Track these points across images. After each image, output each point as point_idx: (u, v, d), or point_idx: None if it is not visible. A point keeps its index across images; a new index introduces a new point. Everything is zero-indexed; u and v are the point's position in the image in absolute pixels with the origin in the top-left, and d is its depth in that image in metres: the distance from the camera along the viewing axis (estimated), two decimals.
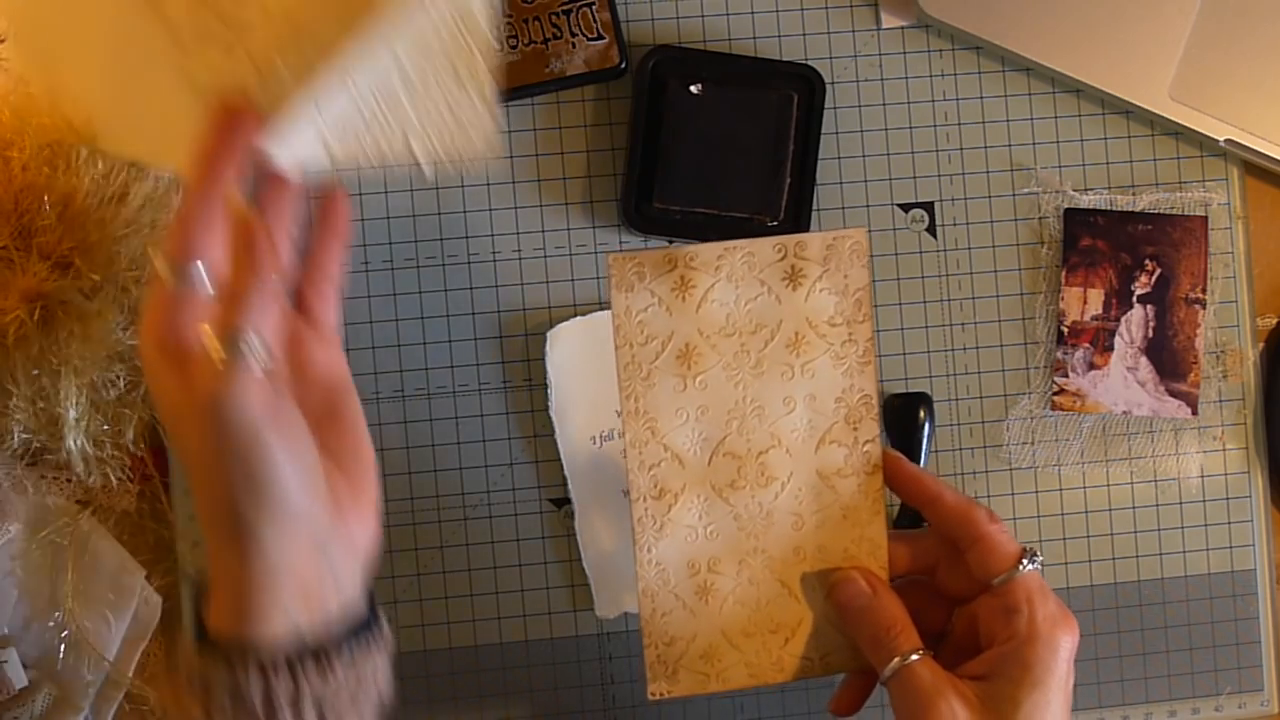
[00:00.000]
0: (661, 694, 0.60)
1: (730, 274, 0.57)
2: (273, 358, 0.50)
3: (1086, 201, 0.75)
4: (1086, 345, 0.75)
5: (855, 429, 0.59)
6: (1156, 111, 0.74)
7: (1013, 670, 0.56)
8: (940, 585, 0.62)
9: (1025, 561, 0.58)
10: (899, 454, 0.61)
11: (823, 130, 0.73)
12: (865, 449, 0.59)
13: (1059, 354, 0.75)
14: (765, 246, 0.57)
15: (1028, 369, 0.76)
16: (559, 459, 0.73)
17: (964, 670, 0.58)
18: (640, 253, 0.57)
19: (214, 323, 0.50)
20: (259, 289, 0.50)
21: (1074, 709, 0.75)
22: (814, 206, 0.74)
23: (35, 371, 0.63)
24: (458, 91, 0.54)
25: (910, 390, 0.75)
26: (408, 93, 0.53)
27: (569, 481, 0.73)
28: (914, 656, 0.57)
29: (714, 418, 0.58)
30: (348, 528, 0.55)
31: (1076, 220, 0.75)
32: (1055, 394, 0.75)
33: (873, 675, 0.62)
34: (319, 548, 0.53)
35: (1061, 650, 0.57)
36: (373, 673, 0.55)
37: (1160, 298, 0.75)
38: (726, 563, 0.59)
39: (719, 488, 0.59)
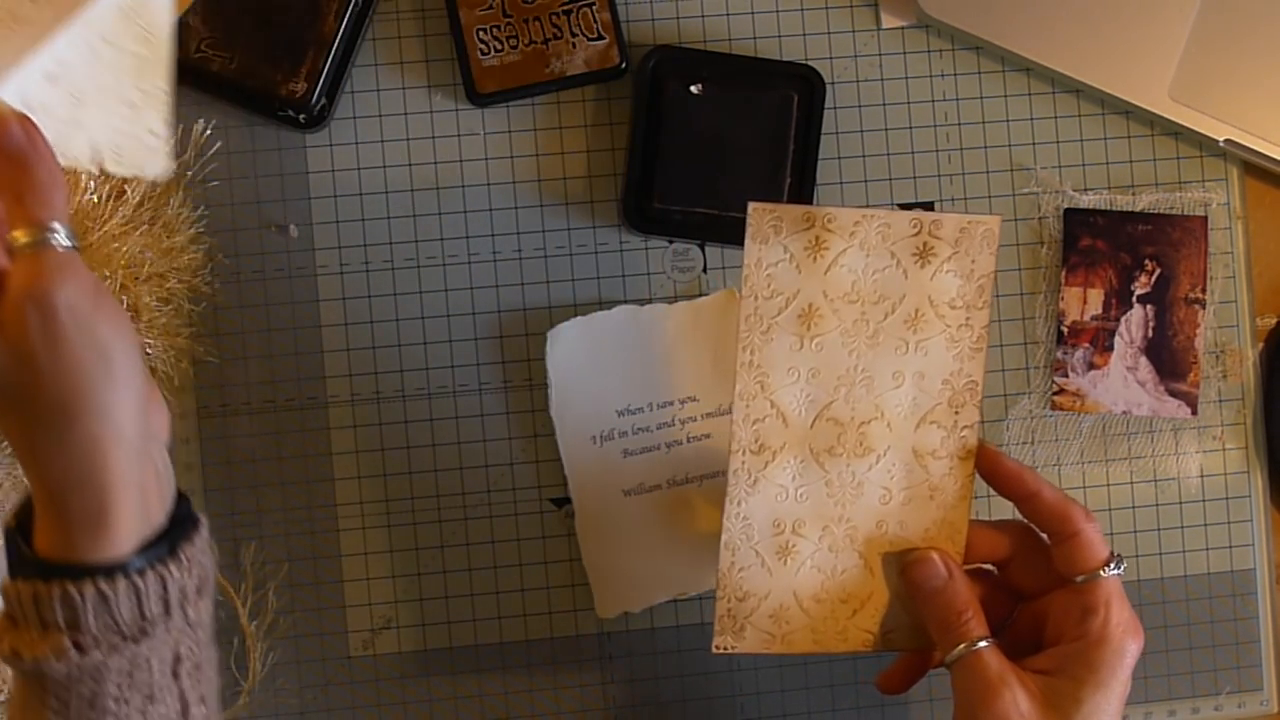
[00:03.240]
0: (727, 648, 0.60)
1: (864, 242, 0.58)
2: (76, 240, 0.50)
3: (1086, 201, 0.75)
4: (1086, 345, 0.75)
5: (957, 413, 0.60)
6: (1156, 111, 0.74)
7: (1079, 669, 0.57)
8: (1010, 579, 0.62)
9: (1112, 565, 0.59)
10: (998, 449, 0.62)
11: (823, 130, 0.73)
12: (963, 434, 0.60)
13: (1059, 354, 0.75)
14: (902, 220, 0.58)
15: (1027, 369, 0.76)
16: (559, 459, 0.73)
17: (1028, 664, 0.58)
18: (780, 206, 0.57)
19: (21, 223, 0.49)
20: (46, 181, 0.50)
21: None
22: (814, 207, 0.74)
23: None
24: (132, 111, 0.55)
25: None
26: (83, 98, 0.54)
27: (569, 481, 0.73)
28: (982, 644, 0.58)
29: (824, 381, 0.59)
30: (153, 416, 0.53)
31: (1076, 220, 0.75)
32: (1055, 394, 0.75)
33: (927, 658, 0.63)
34: (148, 438, 0.52)
35: (1128, 656, 0.58)
36: (205, 555, 0.54)
37: (1160, 298, 0.75)
38: (811, 526, 0.60)
39: (817, 452, 0.59)
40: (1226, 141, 0.74)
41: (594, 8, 0.72)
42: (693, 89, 0.72)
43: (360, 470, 0.74)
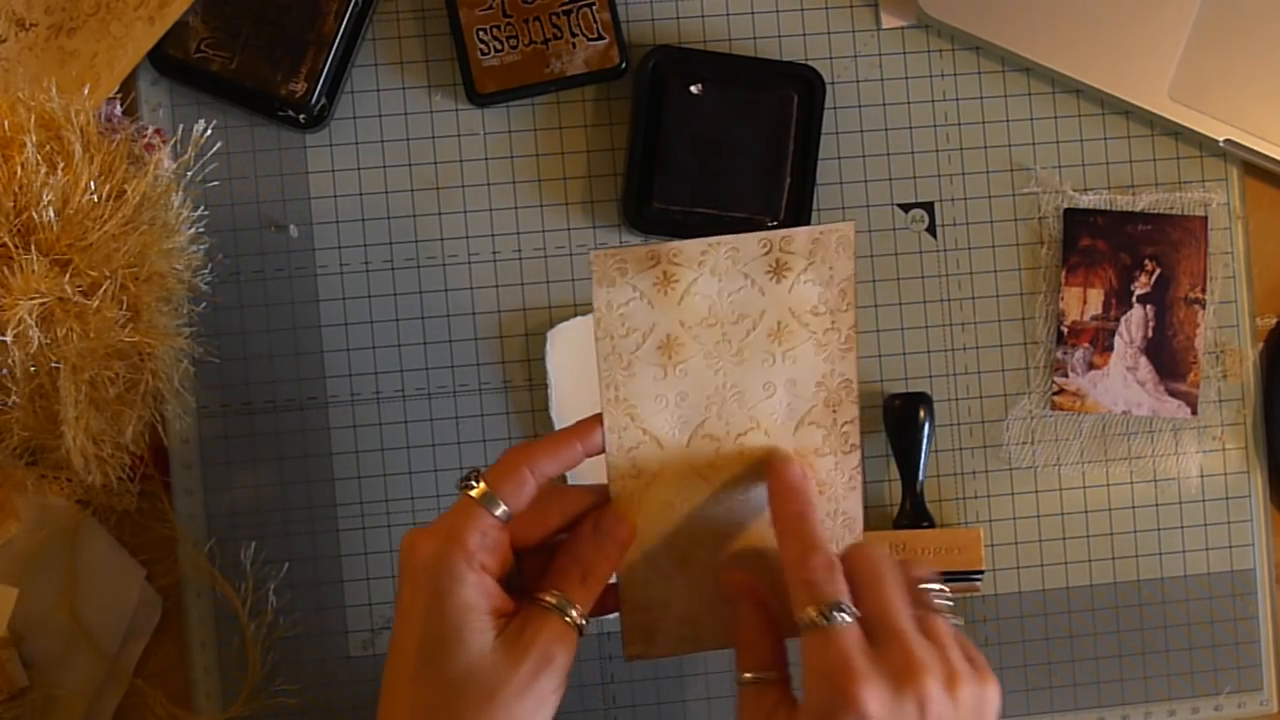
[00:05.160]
0: (639, 654, 0.61)
1: (714, 268, 0.57)
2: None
3: (1086, 201, 0.75)
4: (1086, 345, 0.75)
5: (834, 411, 0.60)
6: (1156, 111, 0.74)
7: None
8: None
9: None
10: (790, 460, 0.60)
11: (823, 130, 0.73)
12: (844, 429, 0.60)
13: (1059, 354, 0.75)
14: (750, 242, 0.58)
15: (1027, 369, 0.76)
16: None
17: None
18: (624, 249, 0.57)
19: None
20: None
21: (1074, 709, 0.76)
22: (814, 206, 0.74)
23: (34, 369, 0.63)
24: None
25: (910, 390, 0.75)
26: None
27: (568, 481, 0.73)
28: (770, 673, 0.57)
29: (694, 403, 0.59)
30: None
31: (1076, 220, 0.75)
32: (1055, 394, 0.75)
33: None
34: None
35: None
36: None
37: (1160, 298, 0.75)
38: (705, 535, 0.60)
39: (698, 467, 0.59)
40: (1226, 141, 0.74)
41: (594, 8, 0.72)
42: (693, 89, 0.72)
43: (360, 470, 0.74)
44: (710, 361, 0.58)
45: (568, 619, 0.56)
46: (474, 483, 0.56)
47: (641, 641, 0.61)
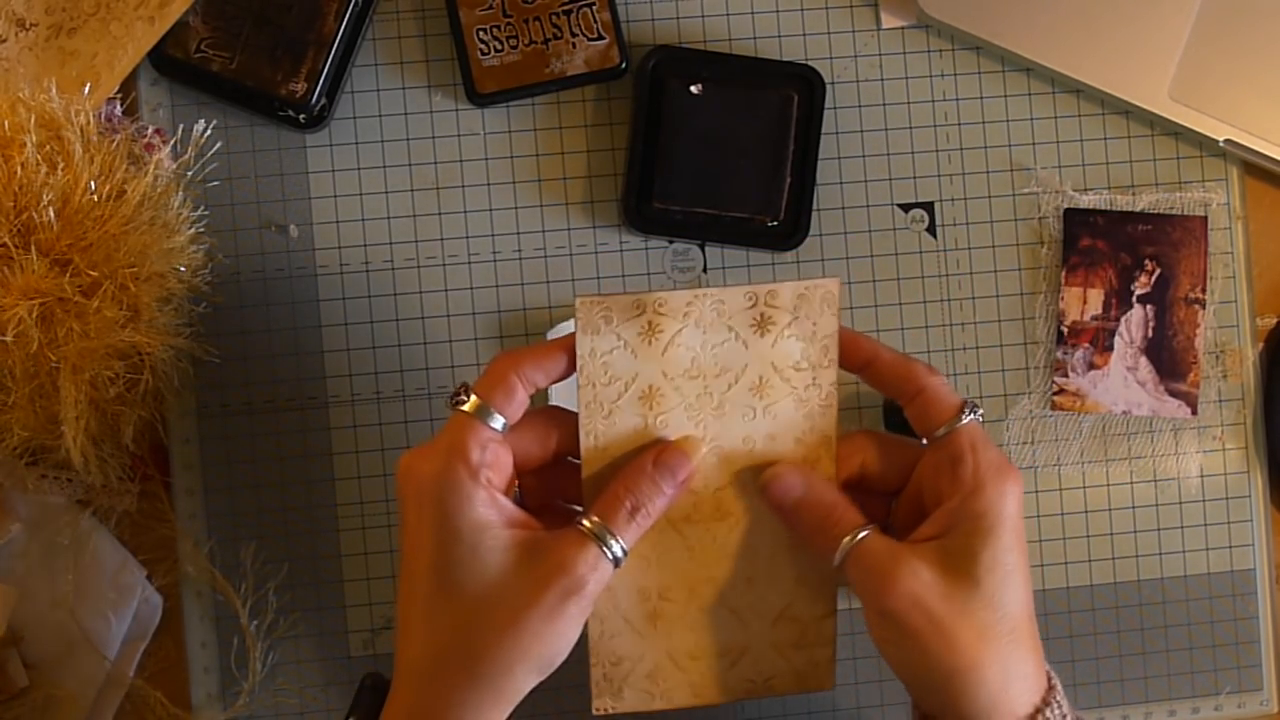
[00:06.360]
0: (607, 709, 0.61)
1: (699, 320, 0.57)
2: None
3: (1086, 201, 0.75)
4: (1086, 345, 0.75)
5: (813, 468, 0.59)
6: (1156, 111, 0.74)
7: (966, 523, 0.55)
8: (870, 482, 0.60)
9: (967, 412, 0.57)
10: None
11: (823, 130, 0.73)
12: None
13: (1059, 354, 0.75)
14: (736, 295, 0.57)
15: (1028, 369, 0.76)
16: None
17: (915, 537, 0.56)
18: (609, 297, 0.56)
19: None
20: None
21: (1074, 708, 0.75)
22: (814, 206, 0.74)
23: (34, 369, 0.63)
24: None
25: None
26: None
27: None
28: (863, 533, 0.56)
29: None
30: None
31: (1076, 220, 0.75)
32: (1055, 394, 0.75)
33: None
34: None
35: (1010, 497, 0.55)
36: None
37: (1160, 298, 0.75)
38: (677, 590, 0.60)
39: (674, 521, 0.59)
40: (1226, 141, 0.74)
41: (594, 8, 0.72)
42: (693, 89, 0.72)
43: (360, 470, 0.74)
44: (691, 414, 0.58)
45: (605, 549, 0.54)
46: (464, 397, 0.55)
47: (610, 695, 0.60)
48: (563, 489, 0.59)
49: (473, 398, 0.55)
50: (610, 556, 0.54)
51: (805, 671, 0.61)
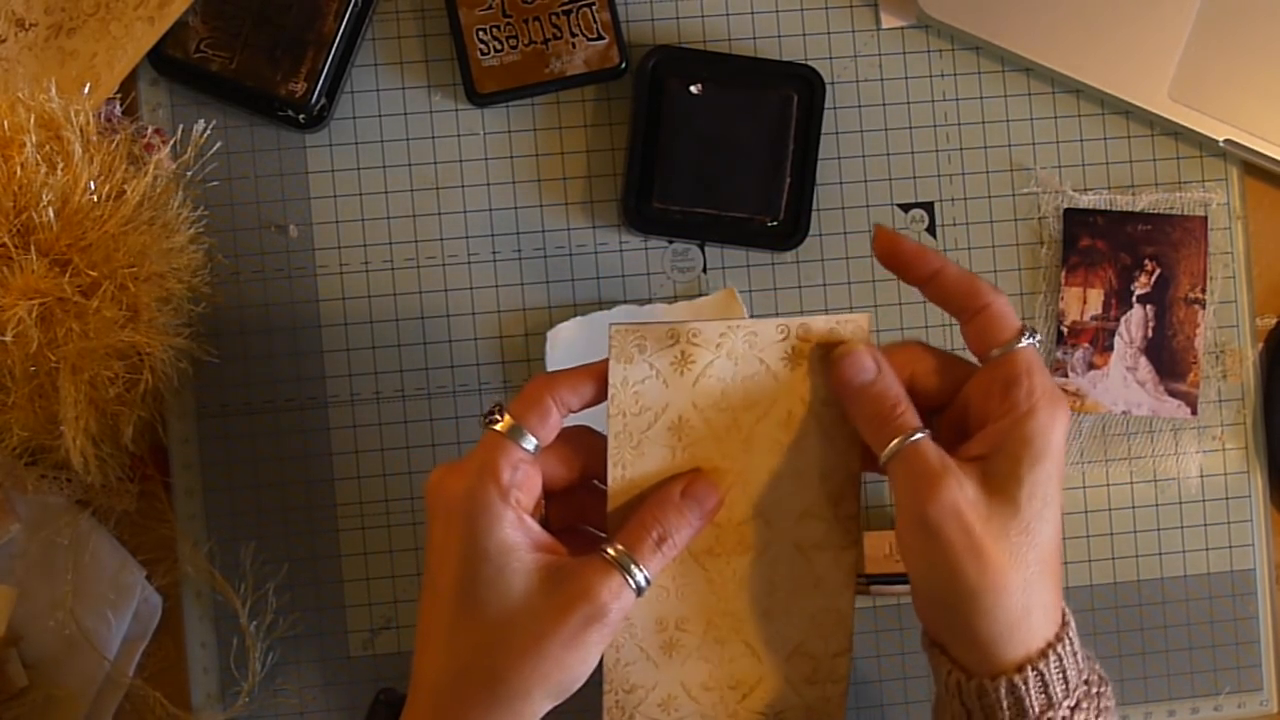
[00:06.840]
0: None
1: (731, 351, 0.56)
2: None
3: (1086, 201, 0.75)
4: (1086, 345, 0.75)
5: (836, 505, 0.59)
6: (1156, 111, 0.74)
7: (1014, 446, 0.54)
8: (916, 395, 0.58)
9: (1026, 335, 0.56)
10: (895, 231, 0.59)
11: (823, 130, 0.73)
12: (845, 524, 0.59)
13: (1059, 354, 0.75)
14: (769, 327, 0.56)
15: None
16: None
17: (961, 453, 0.55)
18: (643, 326, 0.56)
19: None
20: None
21: None
22: (814, 206, 0.74)
23: (33, 369, 0.63)
24: None
25: None
26: None
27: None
28: (918, 435, 0.55)
29: None
30: None
31: (1076, 220, 0.75)
32: None
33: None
34: None
35: (1059, 425, 0.55)
36: None
37: (1160, 298, 0.75)
38: (694, 622, 0.59)
39: (696, 554, 0.59)
40: (1226, 141, 0.74)
41: (594, 8, 0.72)
42: (693, 89, 0.72)
43: (360, 470, 0.74)
44: (719, 446, 0.57)
45: (630, 578, 0.54)
46: (498, 416, 0.55)
47: None
48: (586, 512, 0.59)
49: (506, 417, 0.55)
50: (634, 585, 0.54)
51: (816, 707, 0.61)
